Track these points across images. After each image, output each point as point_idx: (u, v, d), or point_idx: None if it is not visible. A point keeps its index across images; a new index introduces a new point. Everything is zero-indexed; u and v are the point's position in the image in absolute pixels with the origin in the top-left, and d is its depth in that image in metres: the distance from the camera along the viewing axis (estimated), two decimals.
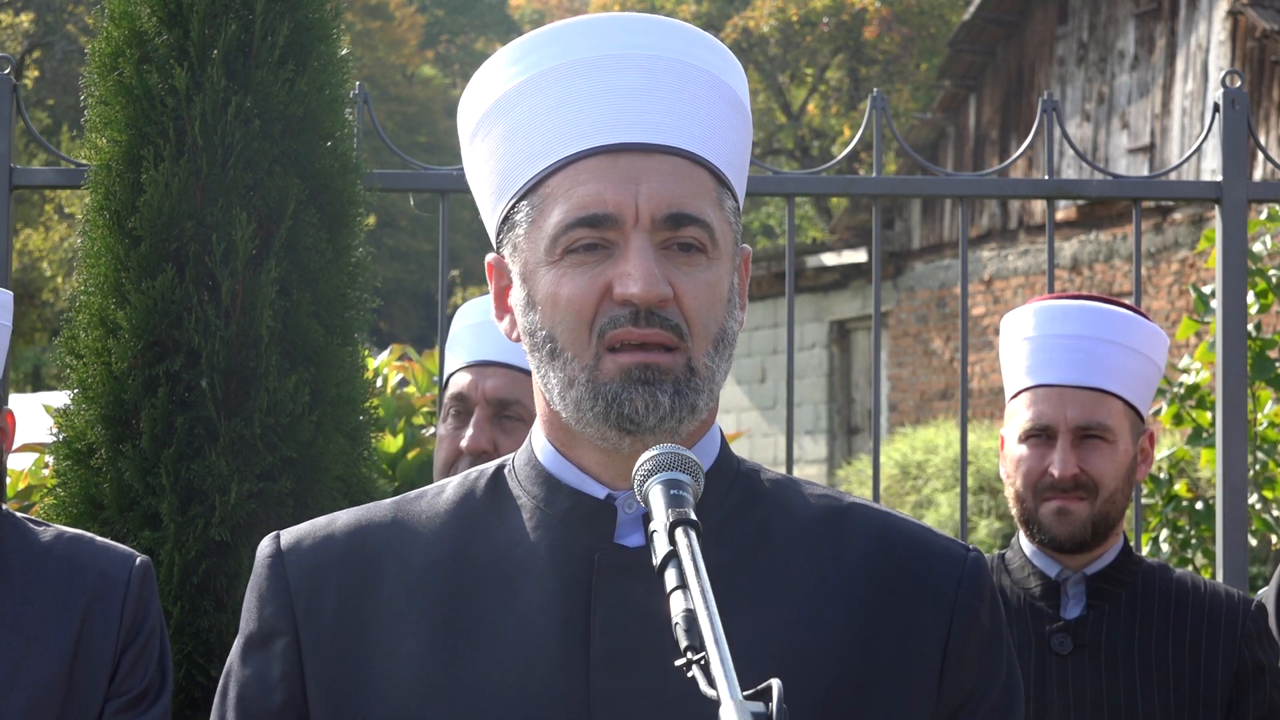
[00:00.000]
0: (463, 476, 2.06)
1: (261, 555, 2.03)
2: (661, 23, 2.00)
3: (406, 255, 34.94)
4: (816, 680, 1.92)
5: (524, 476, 2.01)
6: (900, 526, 2.02)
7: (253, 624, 2.01)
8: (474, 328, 3.53)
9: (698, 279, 1.93)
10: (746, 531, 1.98)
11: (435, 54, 40.97)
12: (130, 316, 3.85)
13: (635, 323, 1.91)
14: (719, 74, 2.00)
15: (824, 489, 2.05)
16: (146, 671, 3.24)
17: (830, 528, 2.00)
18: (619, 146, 1.94)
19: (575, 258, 1.93)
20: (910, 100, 27.64)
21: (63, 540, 3.27)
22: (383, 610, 1.97)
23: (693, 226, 1.93)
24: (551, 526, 1.97)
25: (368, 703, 1.94)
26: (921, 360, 21.29)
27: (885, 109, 4.93)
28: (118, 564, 3.27)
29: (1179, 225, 18.10)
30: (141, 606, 3.26)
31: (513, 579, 1.96)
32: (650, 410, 1.91)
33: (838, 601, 1.96)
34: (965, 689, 1.98)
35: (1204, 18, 17.93)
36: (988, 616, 2.00)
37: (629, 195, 1.92)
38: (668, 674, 1.74)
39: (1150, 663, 3.35)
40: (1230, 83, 4.96)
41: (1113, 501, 3.40)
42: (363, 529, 2.02)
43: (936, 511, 16.36)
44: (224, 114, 3.89)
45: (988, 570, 2.01)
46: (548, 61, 1.98)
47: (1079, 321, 3.43)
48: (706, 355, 1.94)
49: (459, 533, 2.00)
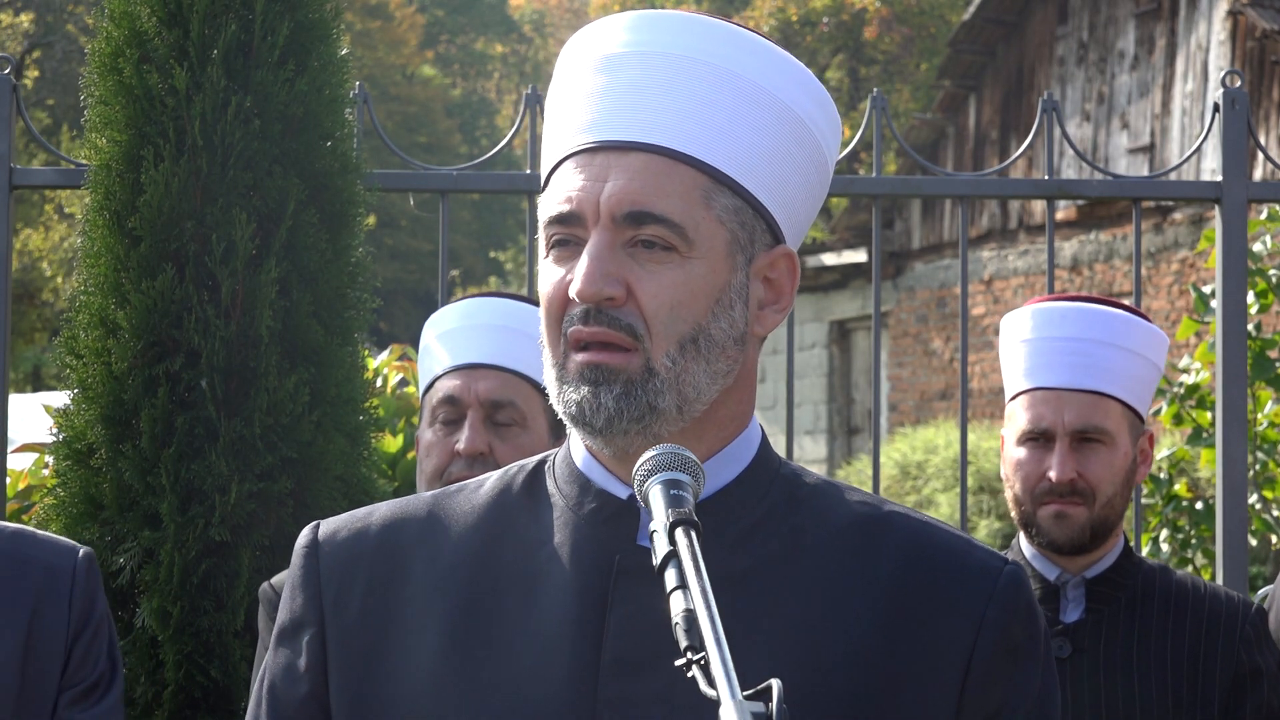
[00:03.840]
0: (503, 471, 2.06)
1: (299, 545, 2.04)
2: (675, 19, 1.99)
3: (406, 255, 34.93)
4: (835, 688, 1.91)
5: (560, 474, 2.01)
6: (938, 538, 1.99)
7: (286, 613, 2.02)
8: (458, 332, 3.45)
9: (661, 278, 1.91)
10: (780, 535, 1.97)
11: (435, 54, 40.97)
12: (130, 316, 3.85)
13: (585, 321, 1.91)
14: (739, 70, 1.96)
15: (866, 495, 2.02)
16: (98, 662, 3.23)
17: (865, 536, 1.98)
18: (597, 145, 1.94)
19: (554, 254, 1.95)
20: (910, 100, 27.64)
21: (4, 535, 3.26)
22: (407, 606, 1.97)
23: (655, 225, 1.91)
24: (577, 526, 1.97)
25: (384, 698, 1.94)
26: (921, 360, 21.29)
27: (885, 109, 4.93)
28: (63, 556, 3.26)
29: (1179, 225, 18.10)
30: (88, 597, 3.25)
31: (534, 580, 1.95)
32: (595, 411, 1.90)
33: (862, 611, 1.94)
34: (993, 704, 1.95)
35: (1204, 18, 17.93)
36: (1021, 631, 1.97)
37: (593, 193, 1.92)
38: (677, 678, 1.73)
39: (1149, 666, 3.34)
40: (1230, 83, 4.96)
41: (1111, 505, 3.39)
42: (398, 522, 2.02)
43: (936, 511, 16.36)
44: (224, 114, 3.89)
45: (1025, 585, 1.98)
46: (573, 61, 2.01)
47: (1077, 324, 3.42)
48: (669, 356, 1.91)
49: (490, 531, 1.99)
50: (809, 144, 2.00)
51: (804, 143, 1.99)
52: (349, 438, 3.97)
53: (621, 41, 1.97)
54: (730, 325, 1.95)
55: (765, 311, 1.99)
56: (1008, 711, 1.96)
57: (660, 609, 1.84)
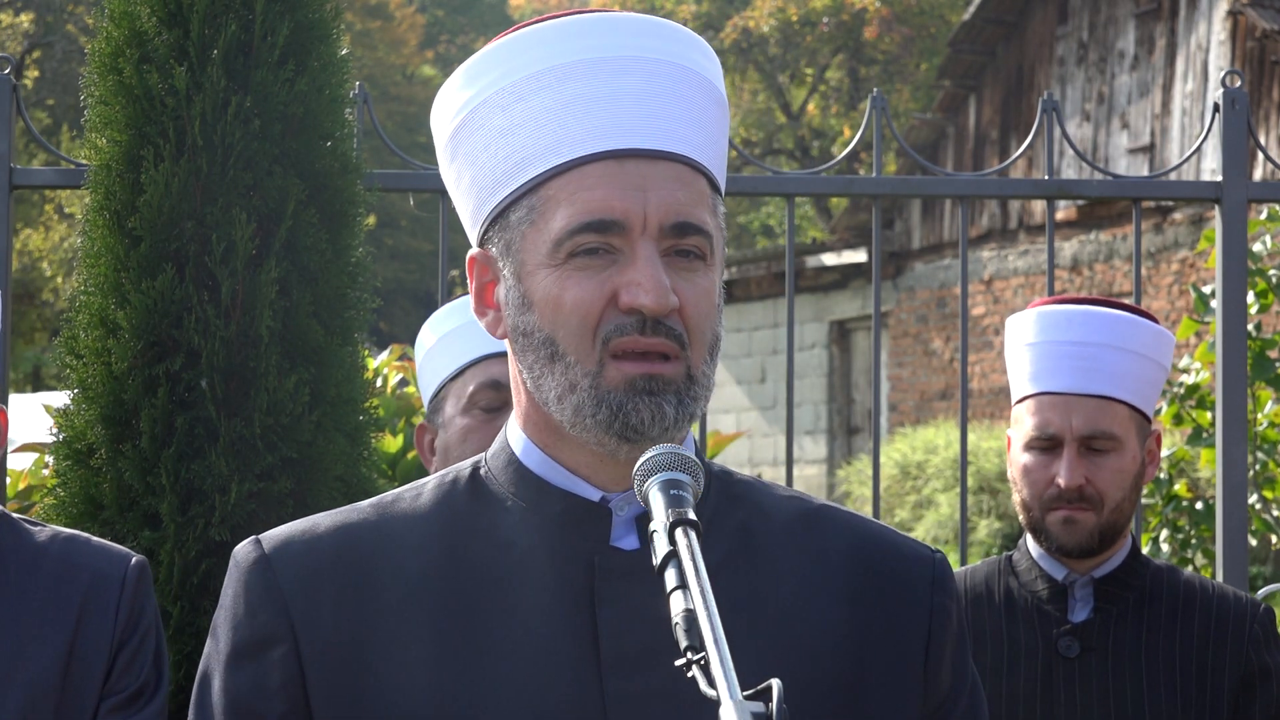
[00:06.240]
0: (439, 477, 2.03)
1: (244, 560, 1.97)
2: (657, 24, 1.99)
3: (406, 255, 34.93)
4: (813, 679, 1.93)
5: (505, 478, 1.99)
6: (869, 528, 2.04)
7: (244, 631, 1.94)
8: None
9: (698, 287, 1.93)
10: (730, 532, 1.98)
11: (435, 54, 40.96)
12: (130, 316, 3.85)
13: (642, 332, 1.90)
14: (707, 75, 2.00)
15: (789, 490, 2.07)
16: (142, 670, 3.24)
17: (807, 528, 2.01)
18: (626, 152, 1.93)
19: (579, 261, 1.92)
20: (910, 100, 27.64)
21: (58, 540, 3.27)
22: (386, 617, 1.93)
23: (696, 235, 1.93)
24: (545, 529, 1.95)
25: (379, 711, 1.91)
26: (921, 360, 21.29)
27: (885, 109, 4.93)
28: (113, 563, 3.27)
29: (1179, 225, 18.10)
30: (136, 606, 3.26)
31: (512, 583, 1.94)
32: (655, 420, 1.90)
33: (827, 601, 1.97)
34: (944, 688, 2.01)
35: (1204, 18, 17.93)
36: (959, 617, 2.03)
37: (637, 202, 1.91)
38: (679, 675, 1.73)
39: (1157, 666, 3.34)
40: (1230, 83, 4.96)
41: (1119, 510, 3.37)
42: (349, 532, 1.98)
43: (936, 511, 16.36)
44: (224, 114, 3.89)
45: (952, 571, 2.05)
46: (546, 60, 1.96)
47: (1082, 327, 3.40)
48: (704, 363, 1.94)
49: (450, 536, 1.97)
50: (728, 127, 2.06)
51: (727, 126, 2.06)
52: (349, 438, 3.97)
53: (608, 46, 1.96)
54: (721, 329, 2.00)
55: None
56: (953, 696, 2.02)
57: (649, 607, 1.87)
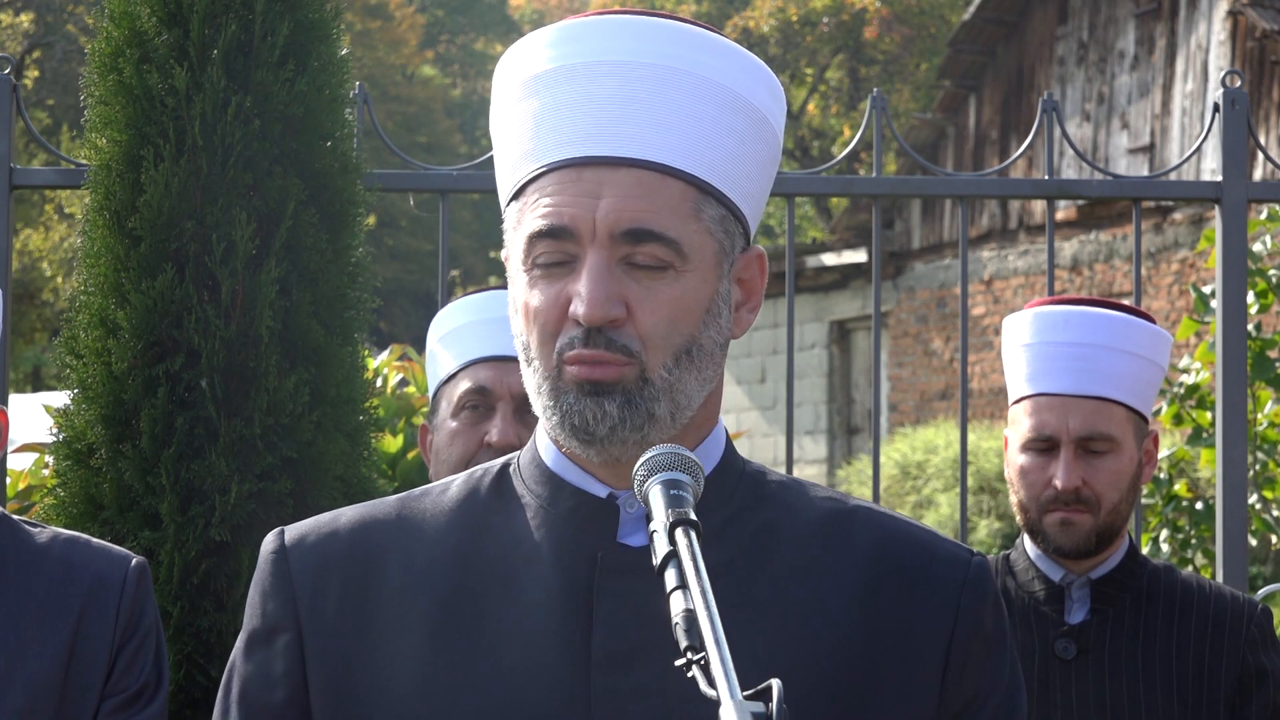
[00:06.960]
0: (468, 474, 2.06)
1: (265, 551, 2.03)
2: (648, 25, 1.97)
3: (406, 255, 34.93)
4: (819, 681, 1.92)
5: (529, 475, 2.02)
6: (904, 530, 2.02)
7: (256, 620, 2.01)
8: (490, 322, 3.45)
9: (658, 295, 1.91)
10: (751, 531, 1.98)
11: (435, 54, 40.97)
12: (130, 316, 3.85)
13: (586, 343, 1.90)
14: (712, 75, 1.96)
15: (829, 491, 2.05)
16: (142, 671, 3.24)
17: (835, 530, 2.00)
18: (584, 160, 1.92)
19: (541, 270, 1.93)
20: (910, 100, 27.64)
21: (59, 542, 3.28)
22: (385, 608, 1.97)
23: (653, 243, 1.91)
24: (554, 525, 1.97)
25: (370, 701, 1.94)
26: (921, 360, 21.29)
27: (885, 109, 4.93)
28: (114, 565, 3.27)
29: (1179, 225, 18.10)
30: (137, 607, 3.26)
31: (515, 578, 1.96)
32: (599, 420, 1.90)
33: (841, 603, 1.96)
34: (968, 692, 1.98)
35: (1204, 18, 17.93)
36: (991, 620, 2.00)
37: (587, 210, 1.90)
38: (669, 674, 1.74)
39: (1154, 667, 3.34)
40: (1230, 83, 4.96)
41: (1116, 512, 3.37)
42: (367, 526, 2.02)
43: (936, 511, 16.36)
44: (224, 114, 3.89)
45: (992, 574, 2.01)
46: (541, 65, 1.97)
47: (1079, 328, 3.40)
48: (664, 367, 1.92)
49: (463, 531, 2.00)
50: (770, 140, 2.01)
51: (766, 140, 2.01)
52: (349, 438, 3.97)
53: (591, 50, 1.95)
54: (718, 332, 1.97)
55: (740, 312, 2.01)
56: (980, 700, 1.99)
57: (647, 603, 1.87)
